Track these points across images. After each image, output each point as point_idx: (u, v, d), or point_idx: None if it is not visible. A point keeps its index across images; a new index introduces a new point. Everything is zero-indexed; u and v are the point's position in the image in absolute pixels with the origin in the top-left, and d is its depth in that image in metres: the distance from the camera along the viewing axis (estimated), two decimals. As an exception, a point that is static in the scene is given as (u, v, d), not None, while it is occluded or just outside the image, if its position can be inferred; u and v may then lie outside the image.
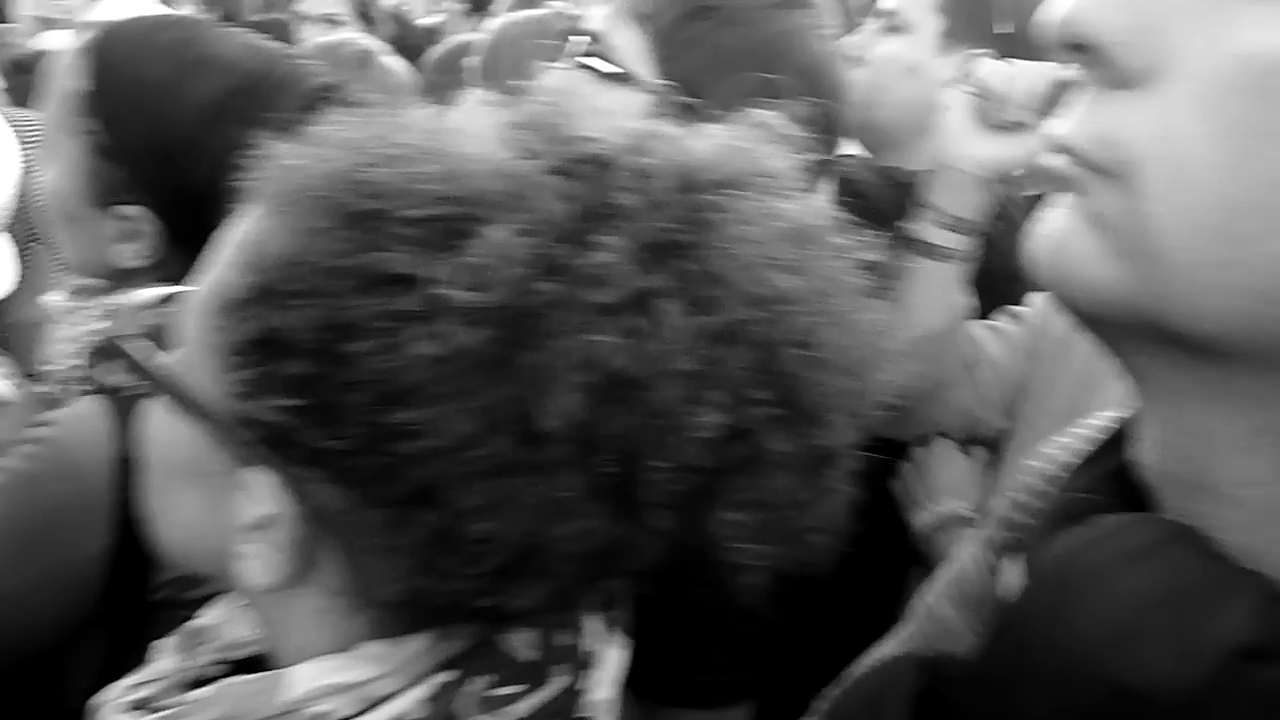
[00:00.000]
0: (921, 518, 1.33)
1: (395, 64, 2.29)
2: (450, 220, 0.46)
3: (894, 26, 1.49)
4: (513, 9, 2.92)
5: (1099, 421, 0.59)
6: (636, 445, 0.46)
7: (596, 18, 1.06)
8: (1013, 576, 0.56)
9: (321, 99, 0.98)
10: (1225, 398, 0.43)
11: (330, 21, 3.29)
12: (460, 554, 0.48)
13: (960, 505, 1.30)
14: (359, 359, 0.45)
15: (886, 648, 0.72)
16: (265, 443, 0.49)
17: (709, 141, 0.52)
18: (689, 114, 0.56)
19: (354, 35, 2.52)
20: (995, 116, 1.17)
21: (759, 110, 0.58)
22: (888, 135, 1.51)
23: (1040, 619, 0.47)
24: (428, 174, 0.46)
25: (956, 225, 1.21)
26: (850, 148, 1.58)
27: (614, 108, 0.67)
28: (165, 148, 0.96)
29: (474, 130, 0.51)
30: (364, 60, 2.21)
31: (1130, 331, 0.44)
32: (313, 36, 2.84)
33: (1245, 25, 0.39)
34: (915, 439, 1.34)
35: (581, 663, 0.56)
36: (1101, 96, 0.43)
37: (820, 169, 1.06)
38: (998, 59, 1.35)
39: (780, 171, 0.53)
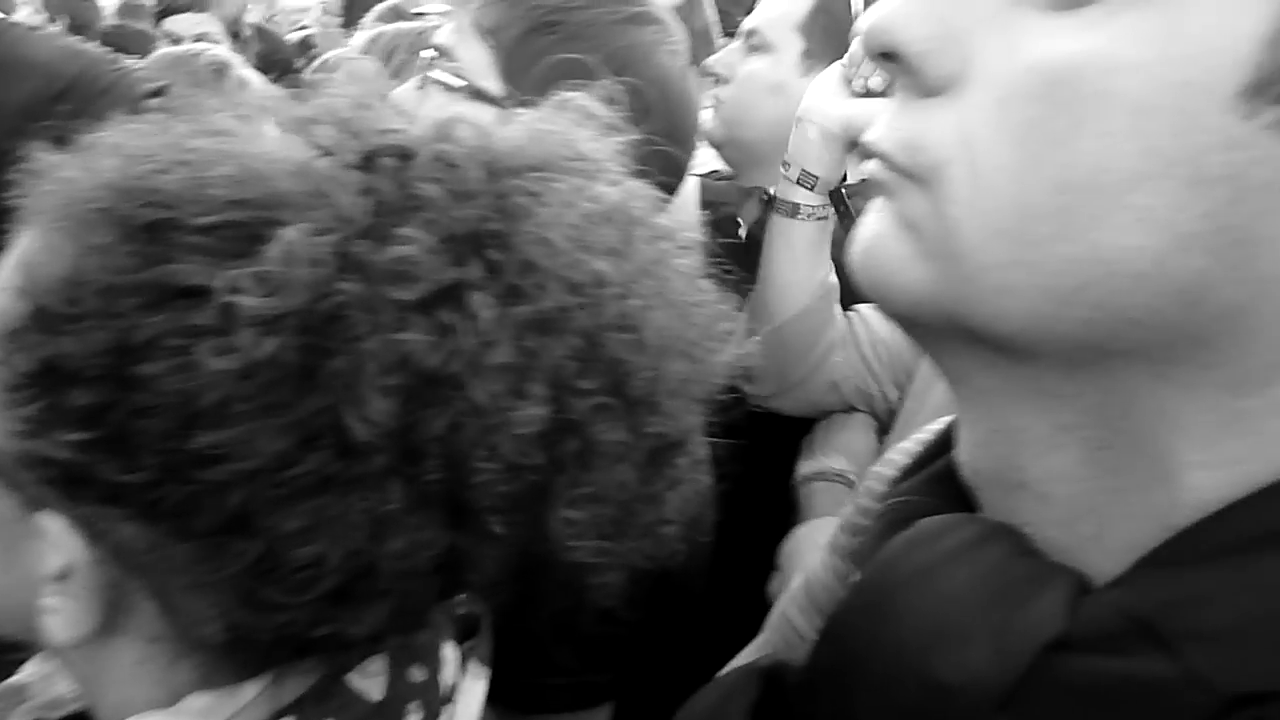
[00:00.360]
0: (803, 466, 1.32)
1: (253, 77, 2.23)
2: (244, 225, 0.43)
3: (756, 46, 1.53)
4: (382, 20, 2.90)
5: (933, 424, 0.61)
6: (460, 447, 0.44)
7: (443, 32, 1.05)
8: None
9: (147, 106, 0.94)
10: (1031, 396, 0.44)
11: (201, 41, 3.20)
12: (285, 583, 0.45)
13: (845, 465, 1.29)
14: (152, 382, 0.42)
15: (741, 656, 0.72)
16: (57, 483, 0.46)
17: (517, 127, 0.51)
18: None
19: (208, 47, 2.45)
20: (859, 84, 1.20)
21: (572, 94, 0.58)
22: (753, 153, 1.54)
23: (865, 622, 0.47)
24: (218, 178, 0.44)
25: (815, 184, 1.23)
26: (713, 163, 1.63)
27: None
28: None
29: (269, 130, 0.48)
30: (219, 72, 2.15)
31: (941, 332, 0.45)
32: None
33: (1036, 35, 0.40)
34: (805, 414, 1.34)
35: (440, 699, 0.54)
36: (909, 103, 0.44)
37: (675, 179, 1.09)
38: None
39: (594, 154, 0.52)
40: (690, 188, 1.46)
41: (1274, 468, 0.40)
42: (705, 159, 1.61)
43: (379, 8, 3.09)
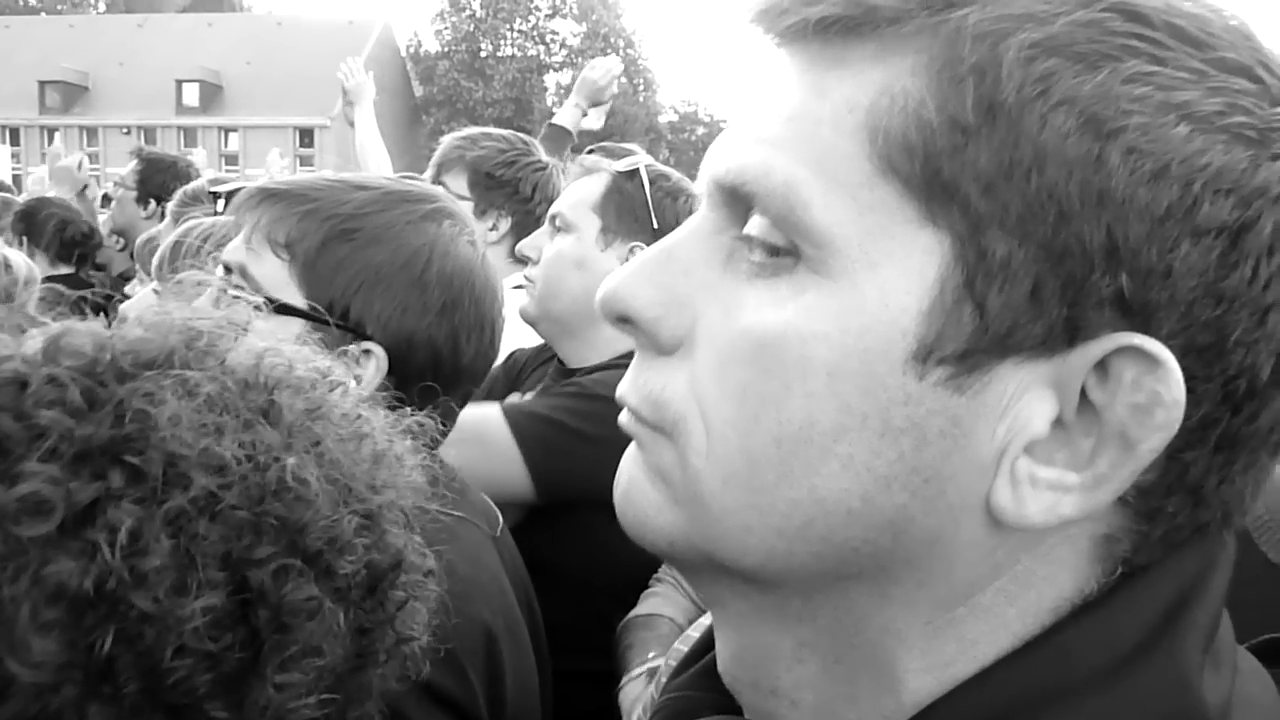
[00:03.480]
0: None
1: (16, 258, 2.22)
2: None
3: (559, 228, 1.70)
4: (183, 205, 2.86)
5: (704, 619, 0.66)
6: (145, 654, 0.43)
7: (232, 249, 1.04)
8: None
9: None
10: (777, 618, 0.48)
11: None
12: None
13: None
14: None
15: None
16: None
17: (133, 325, 0.50)
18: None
19: None
20: None
21: (192, 270, 0.55)
22: (564, 325, 1.69)
23: None
24: None
25: None
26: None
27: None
28: None
29: None
30: None
31: (696, 565, 0.49)
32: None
33: (745, 305, 0.45)
34: None
35: None
36: (647, 360, 0.49)
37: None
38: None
39: (217, 329, 0.51)
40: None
41: (977, 664, 0.46)
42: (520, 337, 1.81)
43: (180, 193, 3.06)
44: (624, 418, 0.50)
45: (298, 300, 1.01)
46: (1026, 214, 0.40)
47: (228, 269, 1.02)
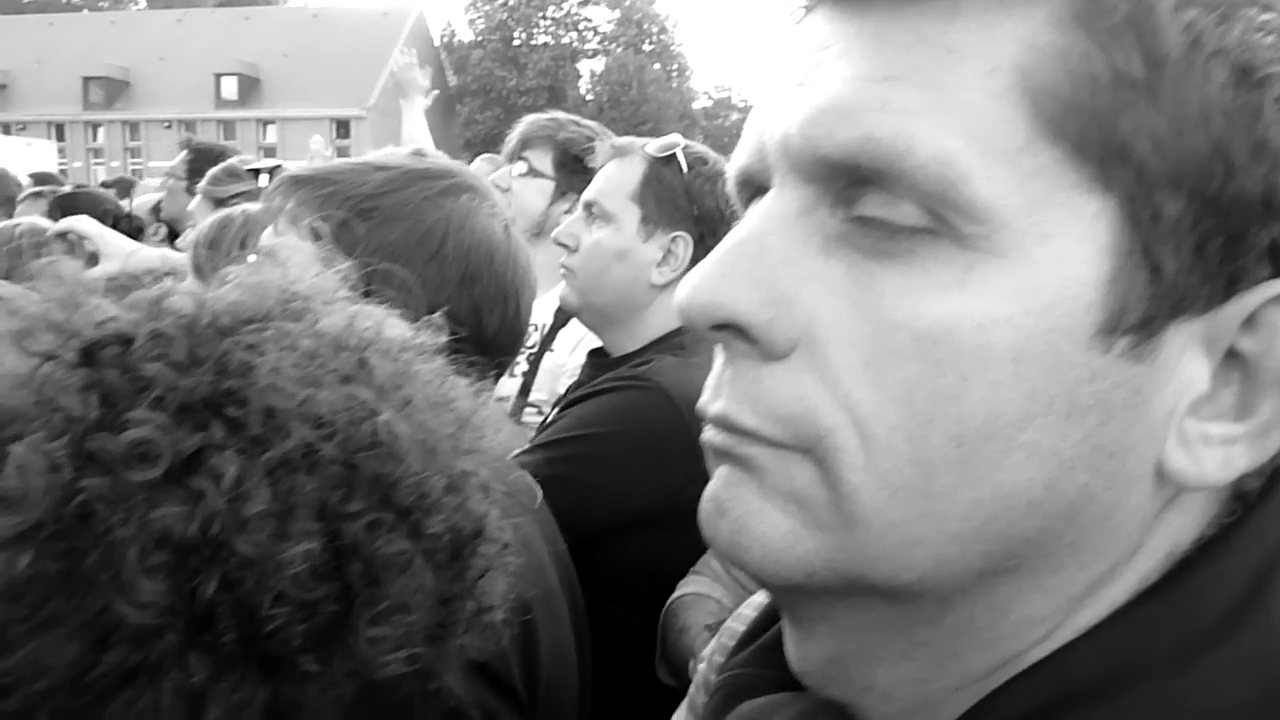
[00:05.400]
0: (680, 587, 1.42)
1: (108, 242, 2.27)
2: None
3: (596, 215, 1.66)
4: (217, 184, 2.92)
5: (760, 597, 0.62)
6: (244, 602, 0.44)
7: (265, 240, 1.06)
8: None
9: None
10: (898, 626, 0.45)
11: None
12: None
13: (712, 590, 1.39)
14: None
15: None
16: None
17: (228, 287, 0.51)
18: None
19: (34, 219, 2.46)
20: None
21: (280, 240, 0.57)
22: (607, 315, 1.67)
23: None
24: None
25: None
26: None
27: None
28: None
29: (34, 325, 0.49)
30: (40, 244, 2.17)
31: (830, 592, 0.44)
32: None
33: (885, 293, 0.41)
34: None
35: None
36: (752, 370, 0.43)
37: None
38: (698, 240, 1.62)
39: (313, 291, 0.53)
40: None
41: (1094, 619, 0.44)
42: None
43: (212, 172, 3.11)
44: (724, 440, 0.44)
45: None
46: (1196, 170, 0.39)
47: (262, 253, 1.05)
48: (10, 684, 0.42)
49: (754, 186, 0.47)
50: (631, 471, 1.45)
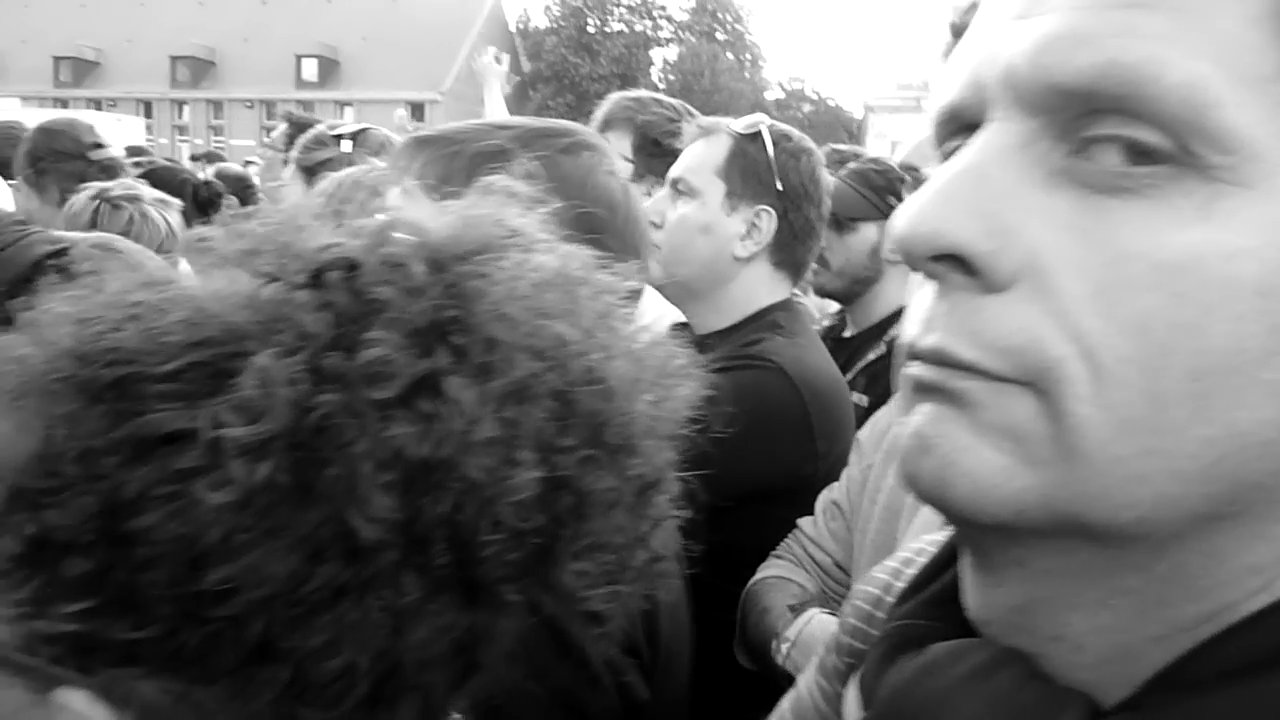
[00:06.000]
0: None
1: (161, 217, 2.31)
2: (208, 364, 0.44)
3: (682, 192, 1.67)
4: (306, 152, 2.94)
5: (921, 545, 0.61)
6: (464, 525, 0.45)
7: (391, 196, 1.11)
8: (851, 705, 0.57)
9: (48, 267, 0.92)
10: (1100, 572, 0.43)
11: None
12: (319, 699, 0.45)
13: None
14: (150, 533, 0.42)
15: None
16: (67, 657, 0.45)
17: (450, 217, 0.52)
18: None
19: (128, 182, 2.50)
20: None
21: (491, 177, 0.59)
22: (691, 290, 1.68)
23: None
24: (170, 324, 0.45)
25: None
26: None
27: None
28: None
29: (210, 271, 0.49)
30: (138, 209, 2.22)
31: (1040, 532, 0.42)
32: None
33: (1122, 225, 0.40)
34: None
35: None
36: (971, 302, 0.42)
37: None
38: (781, 214, 1.64)
39: (526, 229, 0.53)
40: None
41: None
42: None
43: (301, 140, 3.12)
44: (935, 375, 0.43)
45: None
46: None
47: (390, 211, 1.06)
48: (230, 591, 0.42)
49: (959, 123, 0.46)
50: (752, 449, 1.41)
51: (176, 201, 2.55)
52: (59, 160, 2.76)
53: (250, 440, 0.42)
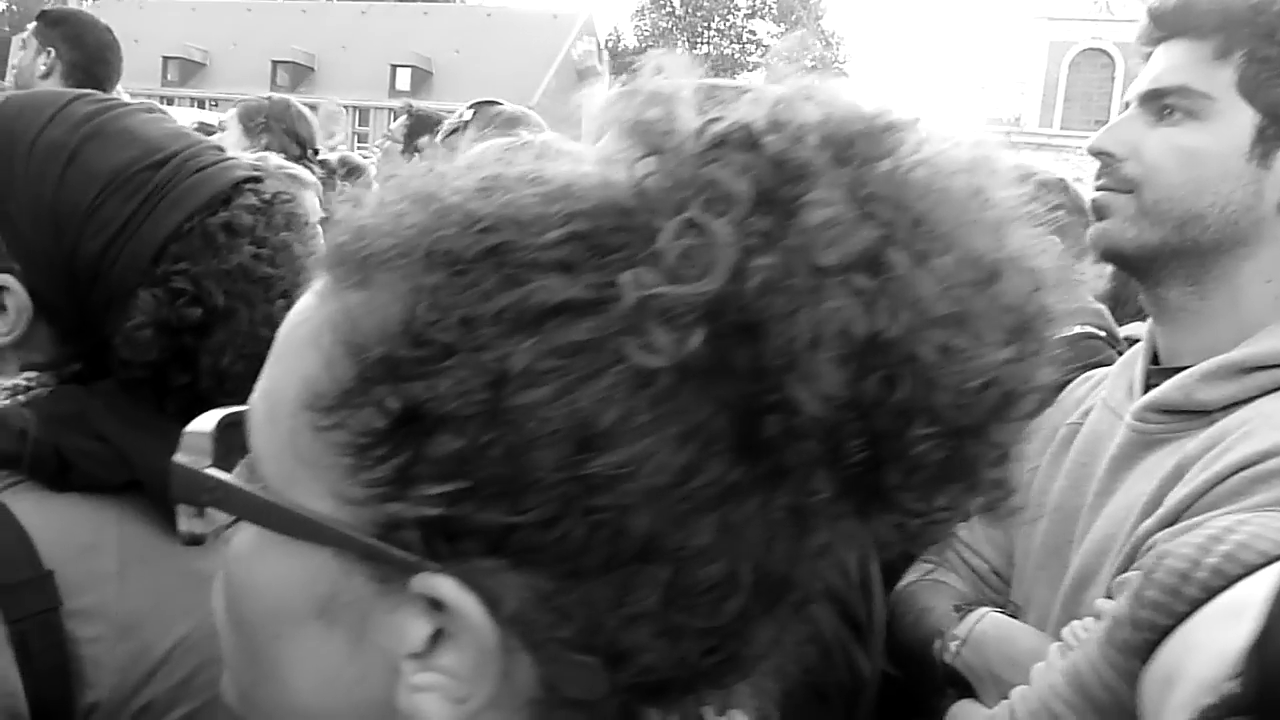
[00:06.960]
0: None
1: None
2: (588, 236, 0.41)
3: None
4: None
5: (1229, 524, 0.64)
6: (901, 413, 0.40)
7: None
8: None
9: (243, 190, 0.95)
10: None
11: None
12: (696, 609, 0.41)
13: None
14: (537, 410, 0.39)
15: None
16: (422, 545, 0.41)
17: (850, 95, 0.46)
18: None
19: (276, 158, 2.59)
20: None
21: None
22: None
23: None
24: (542, 195, 0.42)
25: None
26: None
27: None
28: (54, 214, 0.89)
29: (560, 145, 0.47)
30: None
31: None
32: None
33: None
34: None
35: None
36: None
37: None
38: None
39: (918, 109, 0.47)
40: None
41: None
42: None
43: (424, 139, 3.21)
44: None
45: None
46: None
47: None
48: (620, 477, 0.38)
49: None
50: None
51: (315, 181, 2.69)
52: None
53: (683, 304, 0.38)
